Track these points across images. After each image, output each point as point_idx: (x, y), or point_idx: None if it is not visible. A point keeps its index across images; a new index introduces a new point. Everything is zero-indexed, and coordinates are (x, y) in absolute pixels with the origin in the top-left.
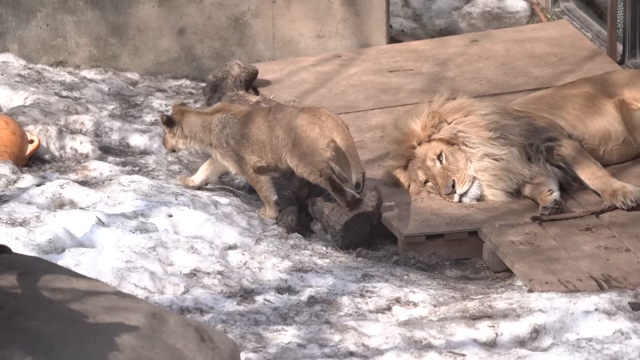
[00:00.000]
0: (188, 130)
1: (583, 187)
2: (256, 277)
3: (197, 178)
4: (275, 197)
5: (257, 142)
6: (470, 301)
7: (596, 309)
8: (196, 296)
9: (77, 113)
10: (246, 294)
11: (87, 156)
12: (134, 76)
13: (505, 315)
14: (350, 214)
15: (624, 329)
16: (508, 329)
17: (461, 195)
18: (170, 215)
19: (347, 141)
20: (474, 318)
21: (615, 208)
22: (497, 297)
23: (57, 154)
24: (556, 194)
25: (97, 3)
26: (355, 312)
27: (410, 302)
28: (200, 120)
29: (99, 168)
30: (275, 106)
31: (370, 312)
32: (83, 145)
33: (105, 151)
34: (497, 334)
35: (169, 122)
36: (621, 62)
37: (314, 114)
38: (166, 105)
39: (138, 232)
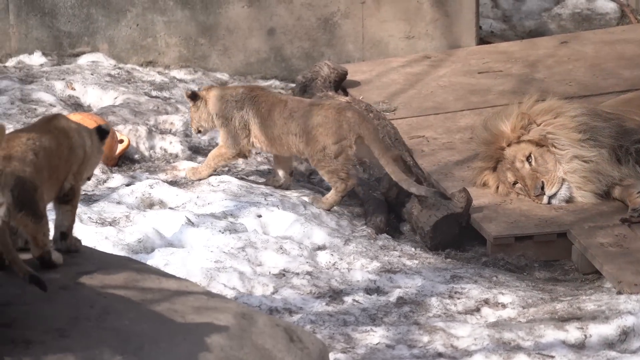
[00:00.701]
0: (211, 103)
1: None
2: (345, 277)
3: (279, 175)
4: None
5: (269, 135)
6: (559, 303)
7: None
8: (285, 296)
9: (167, 113)
10: (335, 295)
11: (176, 156)
12: (224, 76)
13: (594, 317)
14: (438, 214)
15: None
16: (597, 331)
17: (550, 197)
18: (260, 216)
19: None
20: (562, 320)
21: None
22: (585, 299)
23: (146, 153)
24: None
25: (187, 3)
26: (444, 313)
27: (499, 303)
28: (222, 92)
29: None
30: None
31: (459, 313)
32: (172, 145)
33: (195, 151)
34: (585, 335)
35: (194, 95)
36: None
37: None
38: None
39: (227, 233)
